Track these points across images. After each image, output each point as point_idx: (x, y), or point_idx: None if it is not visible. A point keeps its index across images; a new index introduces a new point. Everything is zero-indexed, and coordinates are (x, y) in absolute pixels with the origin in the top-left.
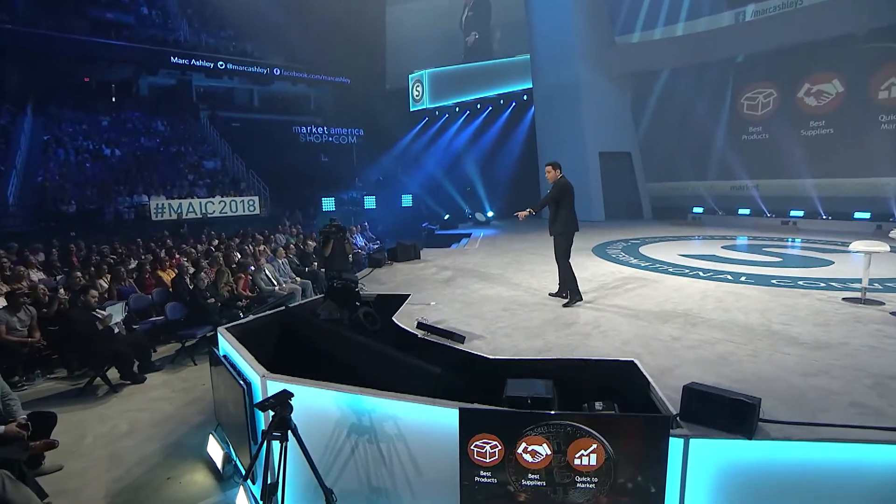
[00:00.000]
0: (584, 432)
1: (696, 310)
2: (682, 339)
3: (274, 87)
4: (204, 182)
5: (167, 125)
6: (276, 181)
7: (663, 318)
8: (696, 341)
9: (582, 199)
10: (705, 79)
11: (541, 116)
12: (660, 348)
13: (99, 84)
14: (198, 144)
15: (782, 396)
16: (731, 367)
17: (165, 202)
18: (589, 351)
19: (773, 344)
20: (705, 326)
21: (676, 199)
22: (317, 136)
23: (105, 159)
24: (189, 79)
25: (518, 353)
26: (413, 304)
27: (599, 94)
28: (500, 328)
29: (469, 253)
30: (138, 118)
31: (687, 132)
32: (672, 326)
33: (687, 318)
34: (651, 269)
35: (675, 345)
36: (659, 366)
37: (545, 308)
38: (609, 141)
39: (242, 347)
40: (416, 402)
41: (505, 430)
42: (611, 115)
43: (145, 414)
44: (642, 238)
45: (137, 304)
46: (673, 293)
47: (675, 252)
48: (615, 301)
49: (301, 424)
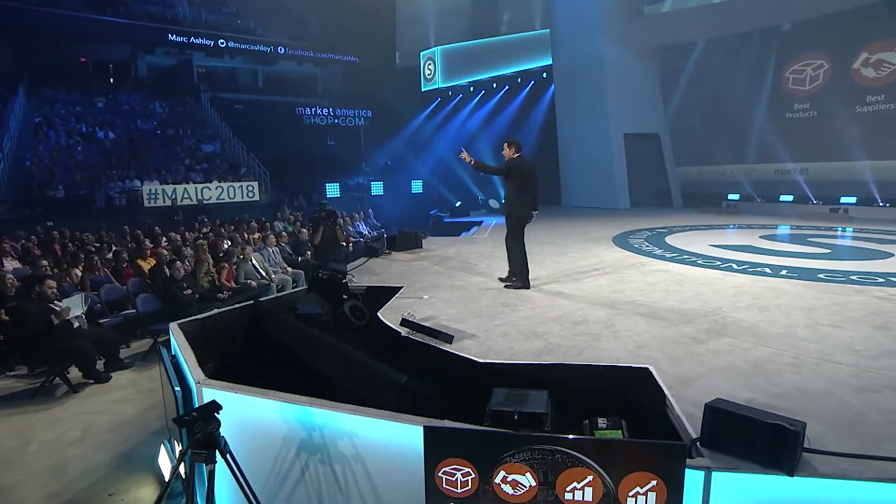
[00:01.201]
0: (577, 461)
1: (727, 308)
2: (708, 342)
3: (279, 67)
4: (201, 167)
5: (166, 107)
6: (277, 166)
7: (687, 317)
8: (726, 346)
9: (605, 186)
10: (745, 51)
11: (561, 95)
12: (681, 353)
13: (96, 64)
14: (197, 127)
15: (834, 419)
16: (768, 378)
17: (159, 188)
18: (596, 355)
19: (822, 350)
20: (737, 328)
21: (709, 184)
22: (322, 117)
23: (98, 142)
24: (189, 58)
25: (513, 356)
26: (404, 298)
27: (625, 70)
28: (496, 326)
29: (476, 242)
30: (136, 100)
31: (722, 111)
32: (697, 327)
33: (716, 317)
34: (677, 260)
35: (699, 349)
36: (679, 375)
37: (551, 303)
38: (635, 121)
39: (188, 347)
40: (374, 416)
41: (479, 454)
42: (637, 94)
43: (102, 418)
44: (669, 227)
45: (110, 296)
46: (701, 288)
47: (706, 242)
48: (632, 296)
49: (242, 441)
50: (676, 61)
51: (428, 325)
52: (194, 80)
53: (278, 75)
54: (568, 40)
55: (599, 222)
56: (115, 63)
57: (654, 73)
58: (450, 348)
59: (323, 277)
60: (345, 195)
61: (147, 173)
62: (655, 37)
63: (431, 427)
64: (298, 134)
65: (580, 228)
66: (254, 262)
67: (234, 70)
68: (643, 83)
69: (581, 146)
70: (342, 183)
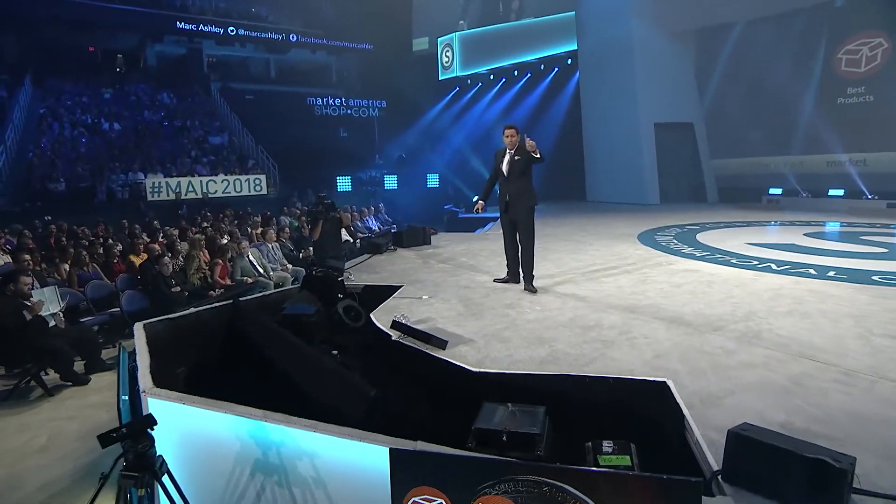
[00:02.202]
0: (568, 496)
1: (762, 313)
2: (738, 353)
3: (292, 56)
4: (207, 159)
5: (174, 98)
6: (287, 158)
7: (716, 323)
8: (760, 357)
9: (633, 179)
10: (791, 31)
11: (586, 82)
12: (706, 365)
13: (104, 54)
14: (205, 118)
15: (890, 451)
16: (808, 398)
17: (163, 181)
18: (607, 365)
19: (876, 366)
20: (774, 337)
21: (748, 178)
22: (333, 108)
23: (103, 134)
24: (199, 47)
25: (511, 366)
26: (402, 298)
27: (657, 55)
28: (498, 330)
29: (489, 238)
30: (143, 90)
31: (764, 98)
32: (727, 335)
33: (749, 323)
34: (708, 259)
35: (728, 361)
36: (702, 391)
37: (562, 305)
38: (667, 110)
39: (145, 350)
40: (335, 434)
41: (453, 483)
42: (670, 80)
43: (73, 424)
44: (702, 223)
45: (96, 293)
46: (733, 290)
47: (743, 240)
48: (654, 299)
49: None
50: (713, 44)
51: (420, 328)
52: (204, 70)
53: (291, 64)
54: (595, 23)
55: (625, 218)
56: (124, 52)
57: (689, 57)
58: (442, 355)
59: (317, 275)
60: (356, 189)
61: (151, 166)
62: (690, 18)
63: (399, 450)
64: (310, 125)
65: (604, 224)
66: (251, 259)
67: (246, 59)
68: (676, 68)
69: (608, 137)
70: (354, 176)
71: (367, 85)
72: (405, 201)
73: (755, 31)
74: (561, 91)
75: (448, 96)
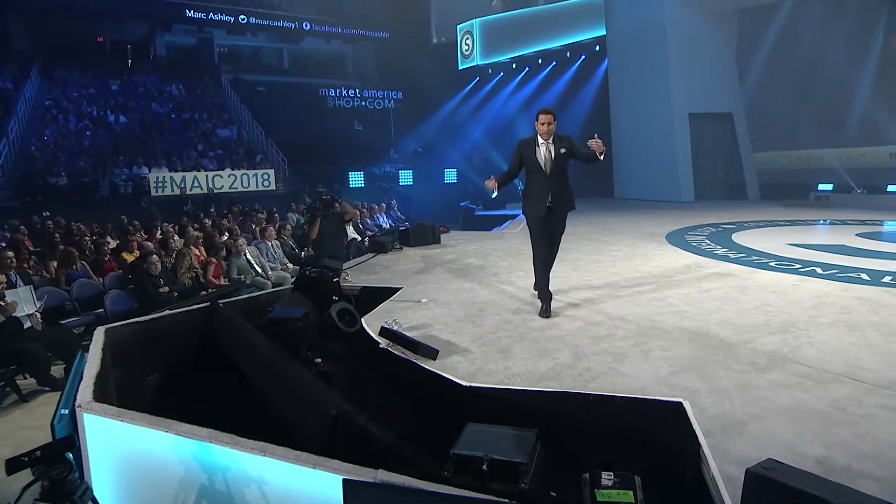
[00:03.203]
0: None
1: (802, 323)
2: (770, 370)
3: (306, 46)
4: (215, 153)
5: (183, 89)
6: (297, 152)
7: (746, 335)
8: (795, 376)
9: (665, 175)
10: (845, 9)
11: (615, 70)
12: (731, 384)
13: (114, 44)
14: (213, 111)
15: None
16: (854, 428)
17: (167, 175)
18: (615, 382)
19: None
20: (814, 352)
21: (794, 173)
22: (347, 99)
23: (108, 126)
24: (210, 37)
25: (507, 379)
26: (399, 301)
27: (693, 38)
28: (498, 339)
29: (505, 237)
30: (152, 82)
31: (814, 84)
32: (758, 349)
33: (785, 336)
34: (743, 261)
35: (757, 380)
36: (724, 415)
37: (573, 312)
38: (703, 99)
39: (96, 358)
40: (285, 459)
41: None
42: (707, 66)
43: (41, 434)
44: (740, 222)
45: (82, 292)
46: (769, 297)
47: (784, 240)
48: (677, 306)
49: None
50: (756, 25)
51: (412, 335)
52: (215, 61)
53: (305, 54)
54: (625, 4)
55: (655, 217)
56: (133, 43)
57: (728, 40)
58: (431, 366)
59: (310, 276)
60: (369, 184)
61: (156, 160)
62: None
63: (353, 481)
64: (322, 118)
65: (631, 223)
66: (248, 257)
67: (258, 49)
68: (714, 53)
69: (638, 129)
70: (367, 171)
71: (384, 75)
72: (420, 198)
73: (804, 10)
74: (588, 80)
75: (468, 87)
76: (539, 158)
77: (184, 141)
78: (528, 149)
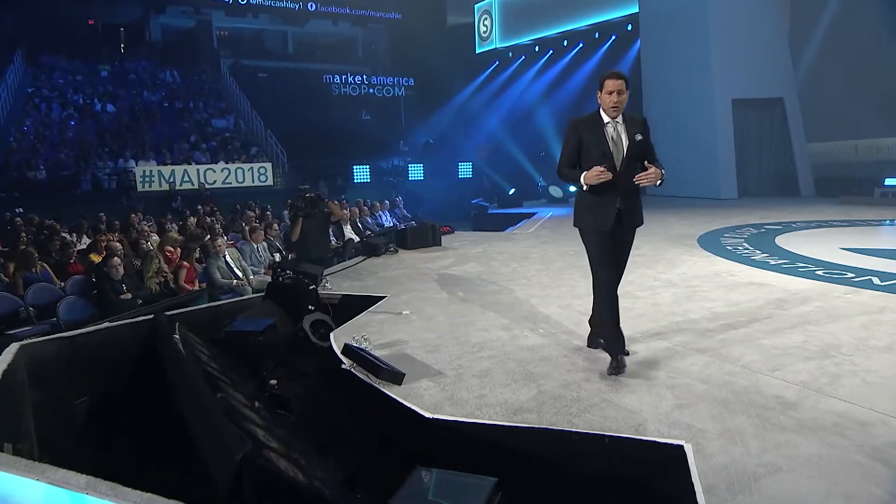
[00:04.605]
0: None
1: (847, 347)
2: (800, 406)
3: (312, 29)
4: (208, 145)
5: (178, 76)
6: (297, 144)
7: (776, 358)
8: (832, 415)
9: (705, 168)
10: None
11: (649, 52)
12: (748, 424)
13: (105, 28)
14: (210, 99)
15: None
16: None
17: (155, 169)
18: (607, 417)
19: None
20: (858, 384)
21: (857, 165)
22: (353, 87)
23: (95, 116)
24: (208, 18)
25: (478, 410)
26: (378, 313)
27: (738, 15)
28: (478, 360)
29: (514, 239)
30: (145, 68)
31: (880, 63)
32: (788, 378)
33: (825, 362)
34: (784, 269)
35: (782, 418)
36: (733, 465)
37: (575, 327)
38: (749, 83)
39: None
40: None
41: None
42: (754, 44)
43: None
44: (786, 223)
45: (38, 298)
46: (812, 312)
47: (837, 244)
48: (698, 322)
49: None
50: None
51: (382, 353)
52: (213, 45)
53: (311, 38)
54: None
55: (689, 216)
56: (127, 26)
57: (780, 17)
58: (395, 392)
59: (285, 282)
60: (376, 180)
61: (144, 152)
62: None
63: None
64: (327, 107)
65: (660, 223)
66: (228, 260)
67: (260, 32)
68: (763, 31)
69: (674, 117)
70: (374, 165)
71: (396, 60)
72: (431, 194)
73: None
74: (618, 63)
75: (485, 72)
76: (608, 145)
77: (175, 132)
78: (591, 131)
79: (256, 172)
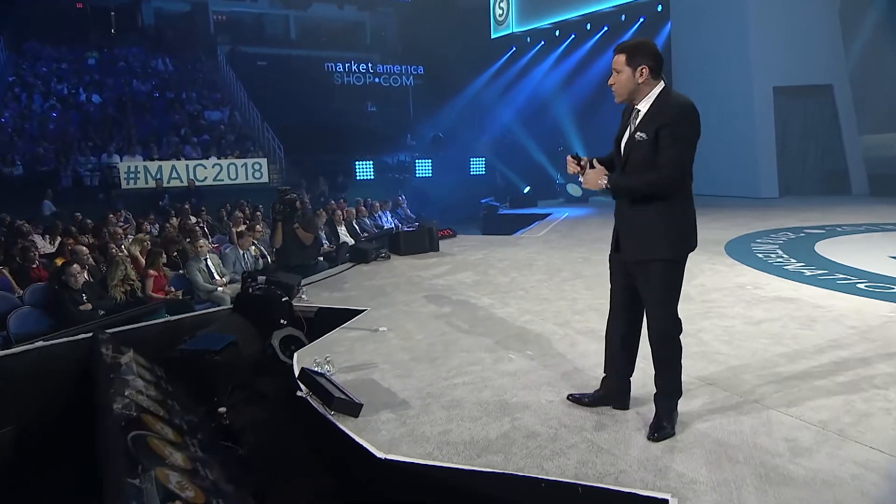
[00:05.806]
0: None
1: (882, 378)
2: (817, 452)
3: (315, 12)
4: (200, 139)
5: (171, 64)
6: (296, 138)
7: (796, 391)
8: (852, 464)
9: (740, 164)
10: None
11: (680, 35)
12: (750, 474)
13: (95, 11)
14: (204, 89)
15: None
16: None
17: (141, 165)
18: (585, 460)
19: None
20: (891, 425)
21: None
22: (358, 76)
23: (79, 107)
24: (205, 2)
25: (437, 450)
26: (351, 329)
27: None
28: (451, 387)
29: (519, 245)
30: (135, 55)
31: None
32: (805, 416)
33: (852, 397)
34: (819, 281)
35: (792, 468)
36: None
37: (569, 349)
38: (793, 68)
39: None
40: None
41: None
42: (799, 26)
43: None
44: (831, 226)
45: None
46: (846, 334)
47: (888, 252)
48: (710, 343)
49: None
50: None
51: (345, 377)
52: (210, 31)
53: (315, 22)
54: None
55: (721, 217)
56: (117, 9)
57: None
58: (348, 426)
59: (255, 293)
60: (381, 177)
61: (129, 146)
62: None
63: None
64: (329, 97)
65: None
66: (209, 264)
67: (260, 17)
68: (810, 10)
69: (708, 107)
70: (378, 161)
71: (406, 47)
72: (439, 192)
73: None
74: None
75: (501, 60)
76: (620, 140)
77: (165, 124)
78: (622, 119)
79: (251, 168)
